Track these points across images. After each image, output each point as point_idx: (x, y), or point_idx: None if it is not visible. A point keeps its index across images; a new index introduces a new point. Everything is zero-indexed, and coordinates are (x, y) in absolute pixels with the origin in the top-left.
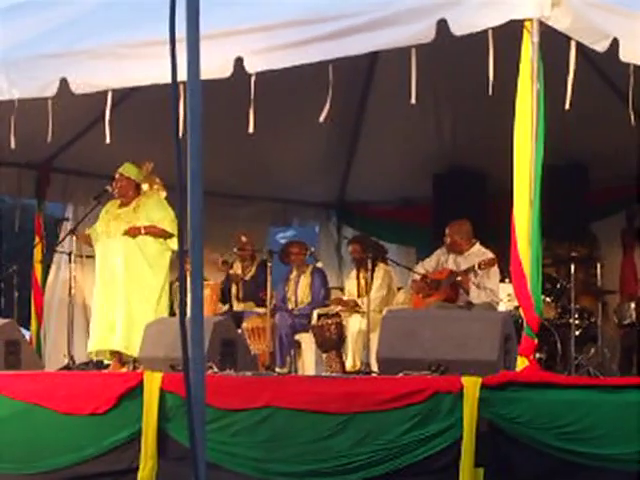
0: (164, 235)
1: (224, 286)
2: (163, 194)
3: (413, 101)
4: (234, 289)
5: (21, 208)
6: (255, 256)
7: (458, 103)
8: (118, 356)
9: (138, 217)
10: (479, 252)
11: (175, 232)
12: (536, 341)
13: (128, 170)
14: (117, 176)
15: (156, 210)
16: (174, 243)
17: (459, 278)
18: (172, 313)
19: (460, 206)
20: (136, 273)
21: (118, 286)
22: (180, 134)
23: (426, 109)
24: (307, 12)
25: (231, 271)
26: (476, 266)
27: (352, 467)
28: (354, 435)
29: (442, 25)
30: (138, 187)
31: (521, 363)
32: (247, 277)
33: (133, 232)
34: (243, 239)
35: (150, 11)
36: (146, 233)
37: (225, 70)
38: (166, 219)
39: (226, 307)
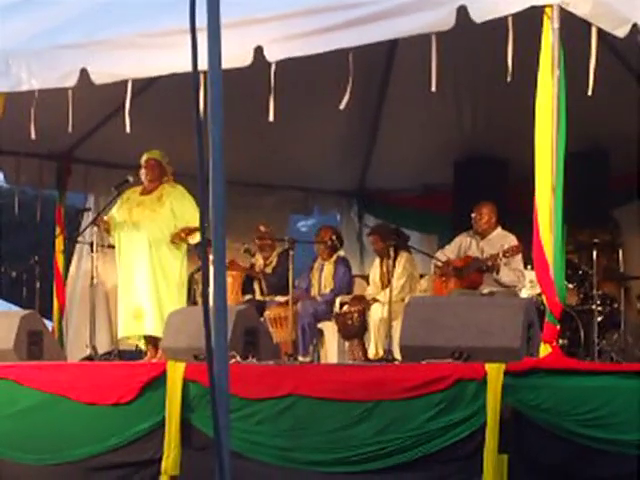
0: (196, 231)
1: (246, 275)
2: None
3: (433, 89)
4: (257, 285)
5: (42, 199)
6: (275, 246)
7: (478, 90)
8: (153, 341)
9: (162, 206)
10: (501, 235)
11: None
12: (559, 327)
13: (158, 155)
14: (150, 162)
15: (184, 202)
16: (195, 237)
17: (490, 263)
18: (194, 302)
19: (481, 193)
20: (161, 259)
21: (144, 272)
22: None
23: (446, 96)
24: (327, 0)
25: (253, 260)
26: (500, 254)
27: (376, 455)
28: (377, 423)
29: (462, 12)
30: (165, 173)
31: (544, 350)
32: (269, 270)
33: (178, 239)
34: (262, 229)
35: (170, 1)
36: (187, 235)
37: (245, 59)
38: (195, 215)
39: (249, 296)
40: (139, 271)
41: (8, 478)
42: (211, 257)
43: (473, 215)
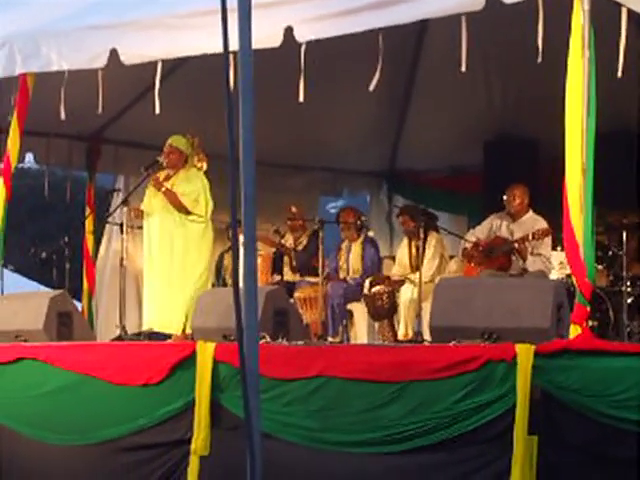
0: (180, 207)
1: (276, 256)
2: (204, 166)
3: (463, 69)
4: (286, 260)
5: (72, 180)
6: (306, 226)
7: (508, 70)
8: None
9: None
10: (532, 219)
11: (194, 210)
12: (589, 308)
13: (177, 142)
14: (167, 148)
15: (185, 183)
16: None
17: (516, 245)
18: (225, 284)
19: (511, 174)
20: (172, 252)
21: (158, 262)
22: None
23: (476, 77)
24: None
25: (283, 240)
26: (530, 236)
27: (405, 436)
28: (407, 404)
29: None
30: (187, 159)
31: (574, 331)
32: (299, 248)
33: (158, 186)
34: (293, 209)
35: None
36: (165, 193)
37: (275, 39)
38: (190, 195)
39: (278, 277)
40: (154, 261)
41: (38, 459)
42: (241, 238)
43: (505, 197)
